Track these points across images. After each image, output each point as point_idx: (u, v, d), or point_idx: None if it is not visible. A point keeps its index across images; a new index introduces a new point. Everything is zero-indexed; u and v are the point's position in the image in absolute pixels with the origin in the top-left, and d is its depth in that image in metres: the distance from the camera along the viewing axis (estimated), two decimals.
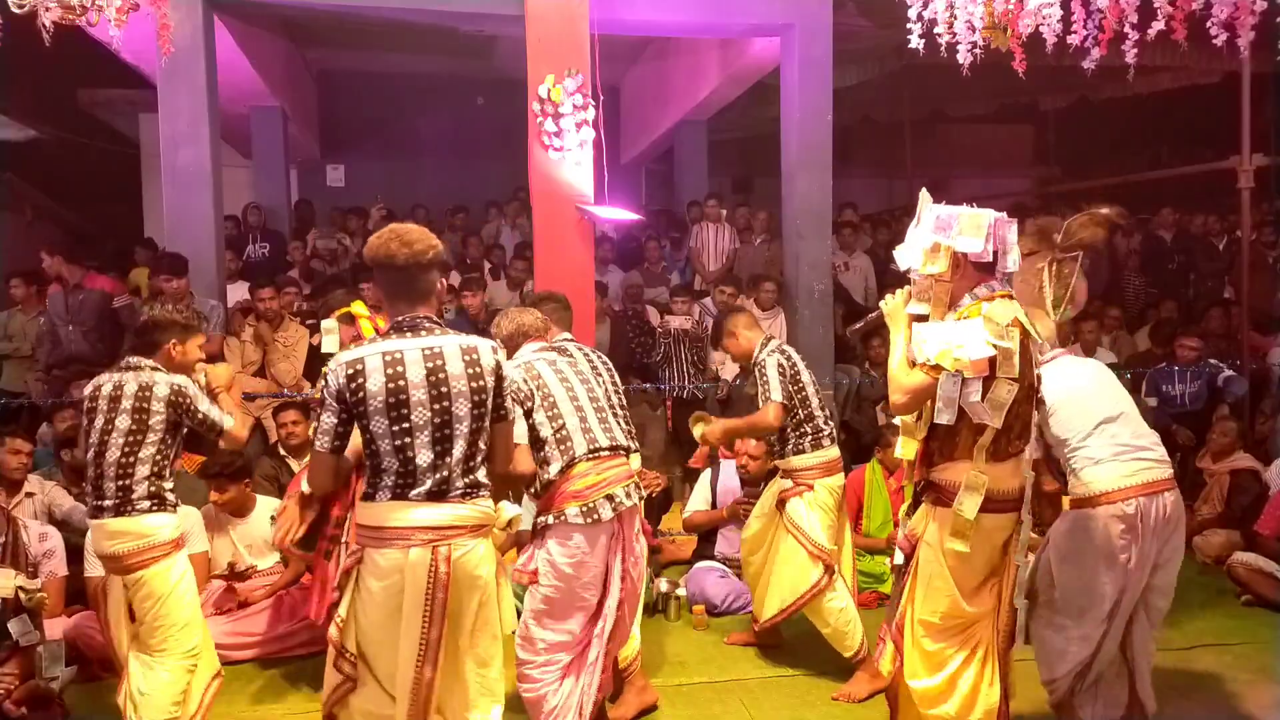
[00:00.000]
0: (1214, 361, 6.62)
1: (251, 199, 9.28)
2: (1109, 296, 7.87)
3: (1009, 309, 2.81)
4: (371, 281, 7.00)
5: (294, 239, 8.93)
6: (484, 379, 2.61)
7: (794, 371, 4.06)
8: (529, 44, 5.83)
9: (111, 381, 3.23)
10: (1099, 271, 8.46)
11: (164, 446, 3.21)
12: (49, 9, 3.82)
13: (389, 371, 2.52)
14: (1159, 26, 3.79)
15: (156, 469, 3.19)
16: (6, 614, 3.75)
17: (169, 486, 3.25)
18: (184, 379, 3.28)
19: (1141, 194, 10.07)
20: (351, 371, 2.53)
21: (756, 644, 4.45)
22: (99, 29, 4.10)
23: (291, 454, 5.23)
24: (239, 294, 6.85)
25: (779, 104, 6.94)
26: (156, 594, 3.19)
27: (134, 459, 3.15)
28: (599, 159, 5.87)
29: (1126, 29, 3.89)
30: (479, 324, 6.67)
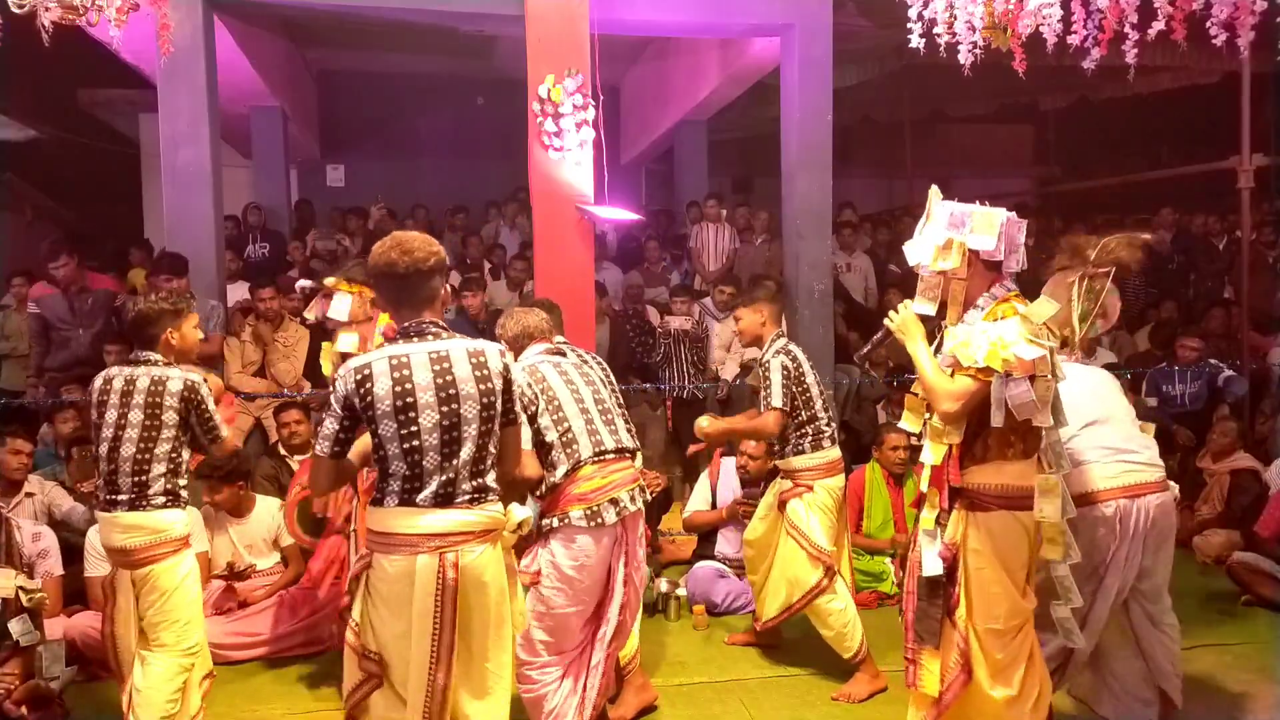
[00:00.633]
0: (1214, 361, 6.62)
1: (251, 199, 9.28)
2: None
3: (1044, 308, 2.80)
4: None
5: (294, 239, 8.92)
6: (491, 382, 2.61)
7: (799, 372, 4.03)
8: (529, 44, 5.83)
9: (122, 375, 3.22)
10: None
11: (178, 443, 3.21)
12: (49, 9, 3.82)
13: (396, 375, 2.53)
14: (1159, 26, 3.79)
15: (172, 465, 3.20)
16: (7, 614, 3.75)
17: (183, 483, 3.26)
18: (199, 376, 3.29)
19: (1141, 194, 10.08)
20: (360, 377, 2.54)
21: (757, 644, 4.46)
22: (99, 29, 4.10)
23: (292, 454, 5.23)
24: (239, 294, 6.85)
25: (779, 104, 6.93)
26: (162, 589, 3.19)
27: (150, 454, 3.16)
28: (599, 159, 5.87)
29: (1126, 29, 3.89)
30: (479, 324, 6.69)
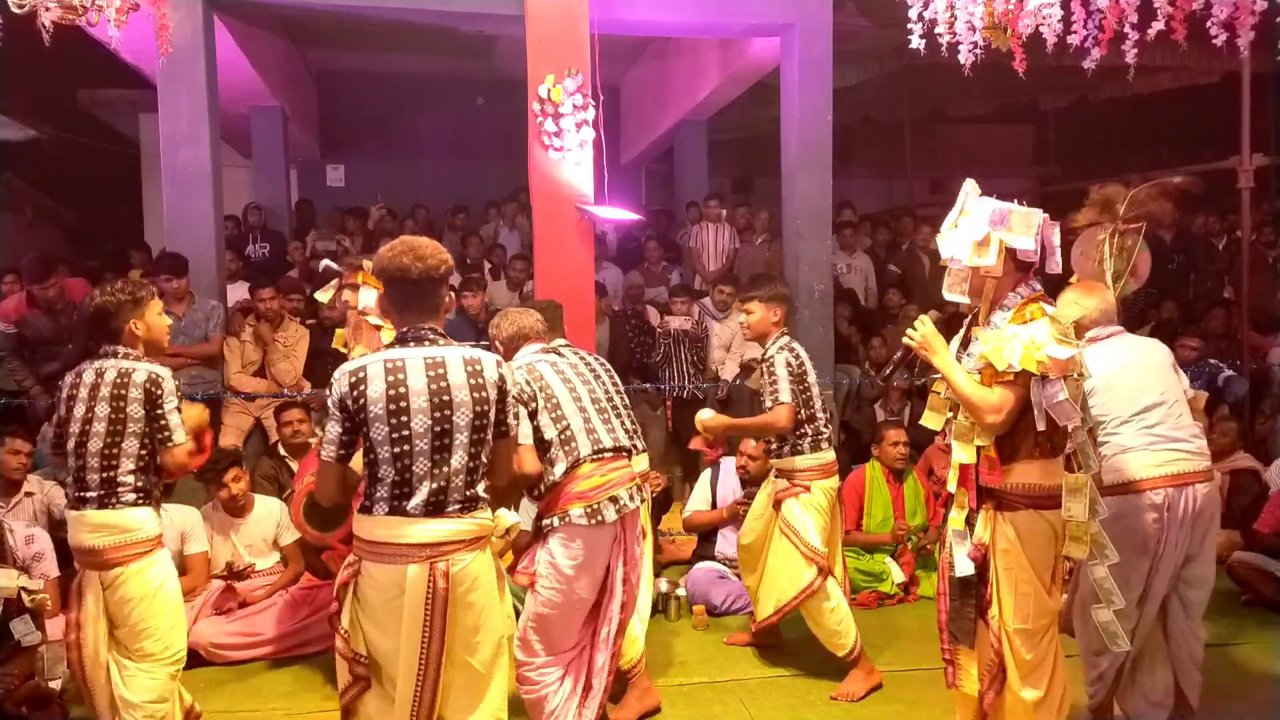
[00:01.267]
0: (1214, 361, 6.62)
1: (251, 199, 9.28)
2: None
3: (1070, 310, 2.82)
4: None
5: (294, 239, 8.92)
6: (486, 391, 2.59)
7: (800, 371, 4.03)
8: (529, 44, 5.83)
9: (92, 368, 3.10)
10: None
11: (146, 439, 3.07)
12: (49, 9, 3.82)
13: (390, 379, 2.52)
14: (1159, 26, 3.79)
15: (141, 462, 3.07)
16: (9, 614, 3.75)
17: (155, 480, 3.14)
18: (166, 371, 3.13)
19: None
20: (354, 379, 2.53)
21: (755, 644, 4.46)
22: (99, 29, 4.09)
23: (293, 454, 5.23)
24: (239, 294, 6.85)
25: (779, 104, 6.93)
26: (137, 595, 3.07)
27: (117, 450, 3.04)
28: (599, 159, 5.87)
29: (1126, 29, 3.89)
30: (479, 324, 6.70)
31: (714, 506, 5.29)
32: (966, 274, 2.92)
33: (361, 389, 2.52)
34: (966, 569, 2.90)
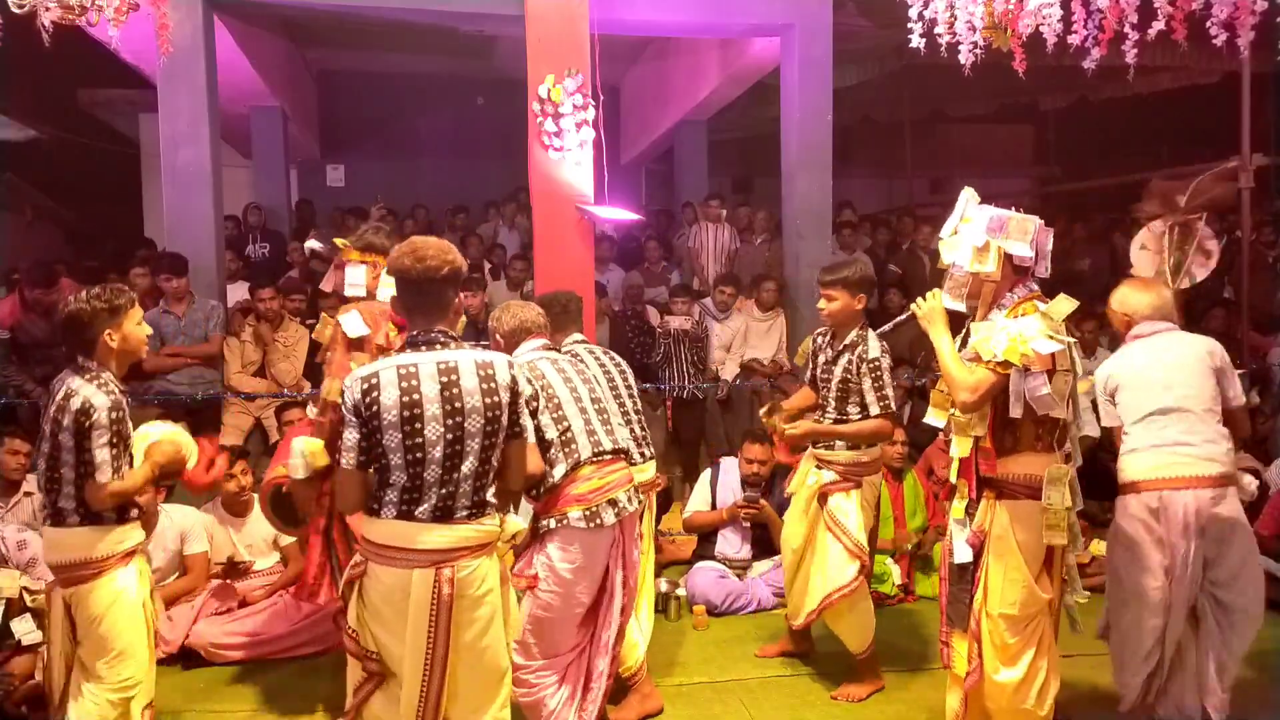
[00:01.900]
0: None
1: (251, 199, 9.28)
2: (1109, 296, 7.86)
3: (1061, 306, 2.92)
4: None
5: (294, 239, 8.92)
6: (498, 395, 2.57)
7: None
8: (529, 44, 5.83)
9: (59, 382, 2.93)
10: (1099, 271, 8.49)
11: (80, 465, 2.84)
12: (49, 9, 3.82)
13: (403, 385, 2.49)
14: (1159, 26, 3.79)
15: (79, 490, 2.86)
16: (10, 614, 3.76)
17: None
18: (105, 399, 2.85)
19: (1141, 194, 10.06)
20: (366, 386, 2.50)
21: (792, 653, 4.32)
22: (99, 29, 4.10)
23: None
24: (239, 294, 6.85)
25: (779, 104, 6.94)
26: (91, 613, 2.91)
27: (56, 475, 2.87)
28: (599, 159, 5.87)
29: (1126, 29, 3.89)
30: (479, 324, 6.69)
31: (714, 507, 5.28)
32: (967, 279, 3.05)
33: (375, 395, 2.49)
34: (965, 556, 3.03)
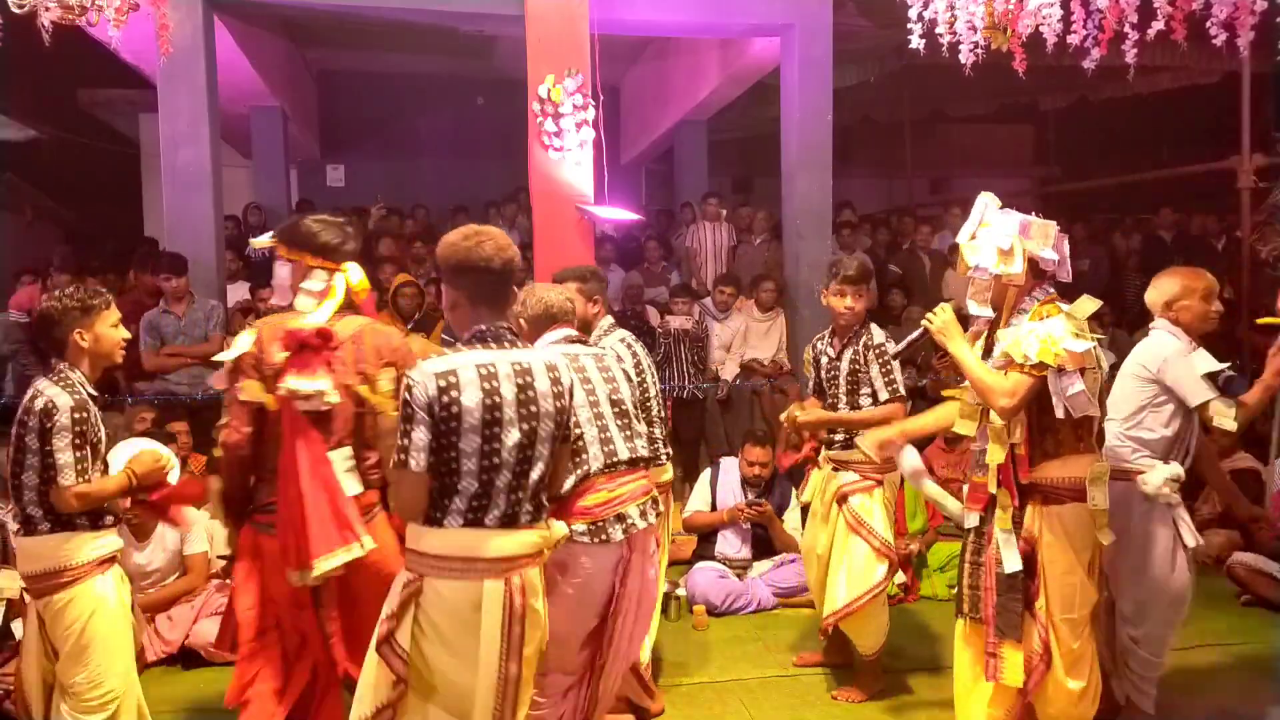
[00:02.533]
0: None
1: (251, 199, 9.29)
2: (1109, 296, 7.87)
3: (1085, 305, 2.96)
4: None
5: None
6: (565, 399, 2.46)
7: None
8: (529, 44, 5.83)
9: (31, 383, 2.86)
10: (1099, 271, 8.49)
11: (44, 468, 2.76)
12: (49, 9, 3.82)
13: (485, 386, 2.31)
14: (1159, 26, 3.79)
15: (45, 496, 2.79)
16: (11, 615, 3.75)
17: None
18: (68, 399, 2.78)
19: (1141, 194, 10.08)
20: (444, 384, 2.29)
21: (827, 664, 4.26)
22: (99, 29, 4.10)
23: None
24: (239, 294, 6.85)
25: (779, 104, 6.94)
26: (66, 622, 2.81)
27: (19, 481, 2.78)
28: (599, 159, 5.87)
29: (1126, 29, 3.89)
30: None
31: (714, 507, 5.28)
32: (990, 284, 3.05)
33: (454, 395, 2.29)
34: (1015, 565, 2.98)
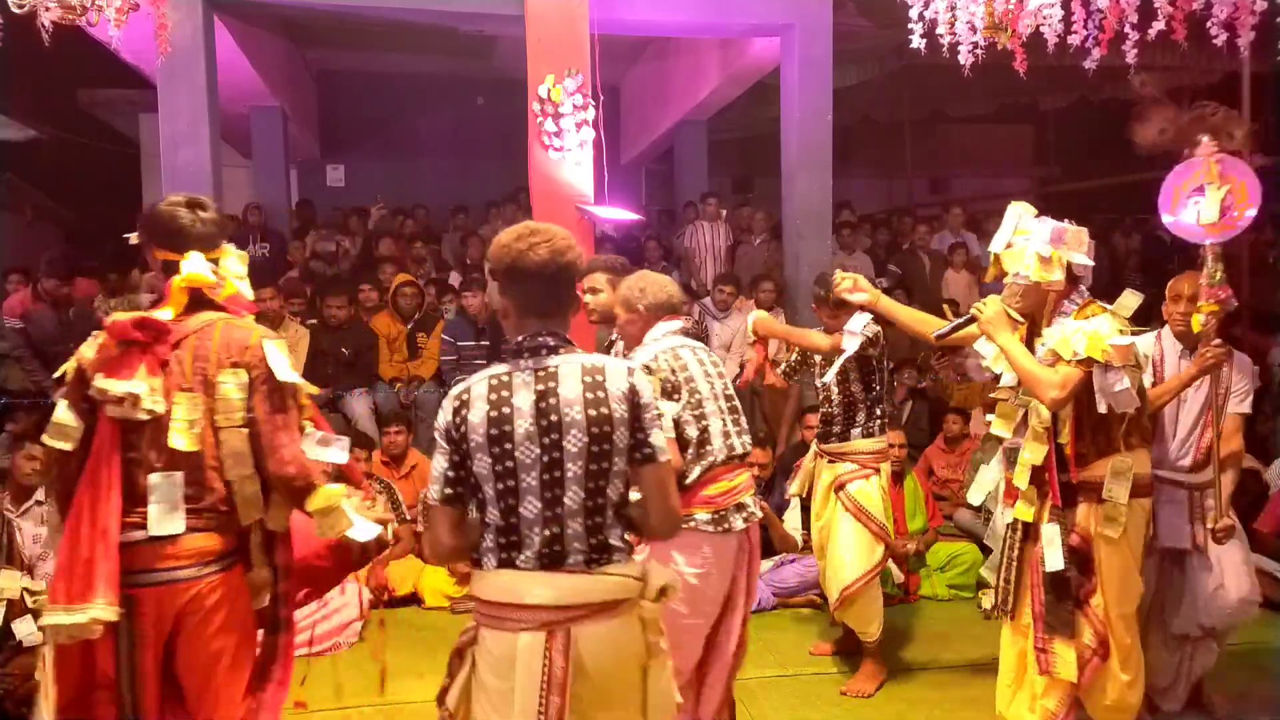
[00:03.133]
0: None
1: (251, 199, 9.27)
2: (1109, 297, 7.87)
3: (1129, 301, 3.09)
4: (367, 282, 7.09)
5: (295, 239, 8.93)
6: (608, 406, 2.04)
7: (879, 355, 4.04)
8: (529, 44, 5.83)
9: None
10: (1099, 271, 8.49)
11: None
12: (49, 9, 3.82)
13: (493, 398, 2.04)
14: (1159, 26, 3.80)
15: None
16: (12, 615, 3.76)
17: None
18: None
19: (1141, 194, 10.07)
20: (457, 403, 2.06)
21: (840, 652, 4.38)
22: (99, 29, 4.10)
23: None
24: None
25: (779, 104, 6.94)
26: None
27: None
28: (599, 159, 5.87)
29: (1126, 29, 3.90)
30: (479, 323, 6.70)
31: None
32: (1024, 290, 3.11)
33: (464, 414, 2.04)
34: (1057, 563, 3.05)
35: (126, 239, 2.63)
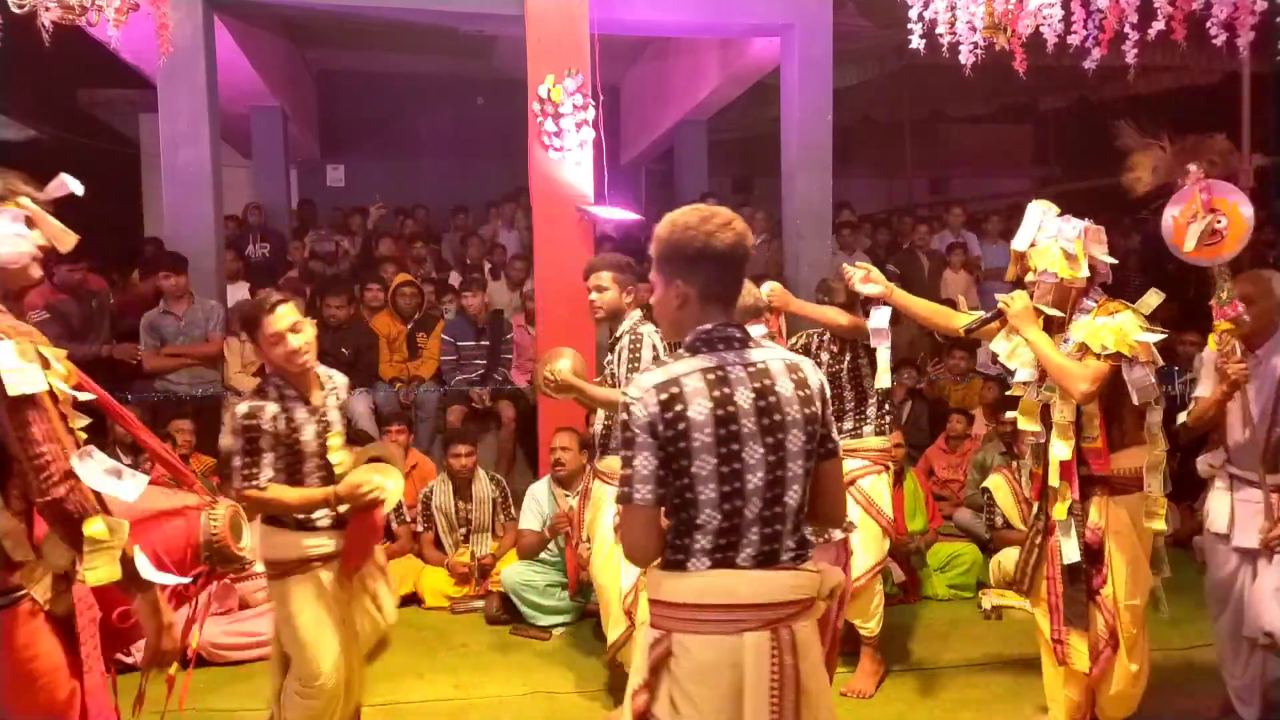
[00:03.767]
0: None
1: (251, 199, 9.28)
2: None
3: (1151, 299, 3.16)
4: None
5: (294, 239, 8.94)
6: (815, 405, 2.01)
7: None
8: (529, 44, 5.83)
9: None
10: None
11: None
12: (49, 9, 3.82)
13: (715, 394, 1.92)
14: (1159, 26, 3.79)
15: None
16: None
17: None
18: (243, 405, 2.91)
19: (1141, 194, 10.07)
20: (665, 396, 1.91)
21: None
22: (99, 29, 4.10)
23: None
24: (239, 294, 6.85)
25: (779, 104, 6.94)
26: (280, 614, 3.04)
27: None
28: (599, 159, 5.87)
29: (1126, 29, 3.90)
30: (479, 323, 6.71)
31: None
32: (1051, 287, 3.17)
33: (679, 410, 1.90)
34: (1074, 556, 3.10)
35: (127, 239, 2.60)
